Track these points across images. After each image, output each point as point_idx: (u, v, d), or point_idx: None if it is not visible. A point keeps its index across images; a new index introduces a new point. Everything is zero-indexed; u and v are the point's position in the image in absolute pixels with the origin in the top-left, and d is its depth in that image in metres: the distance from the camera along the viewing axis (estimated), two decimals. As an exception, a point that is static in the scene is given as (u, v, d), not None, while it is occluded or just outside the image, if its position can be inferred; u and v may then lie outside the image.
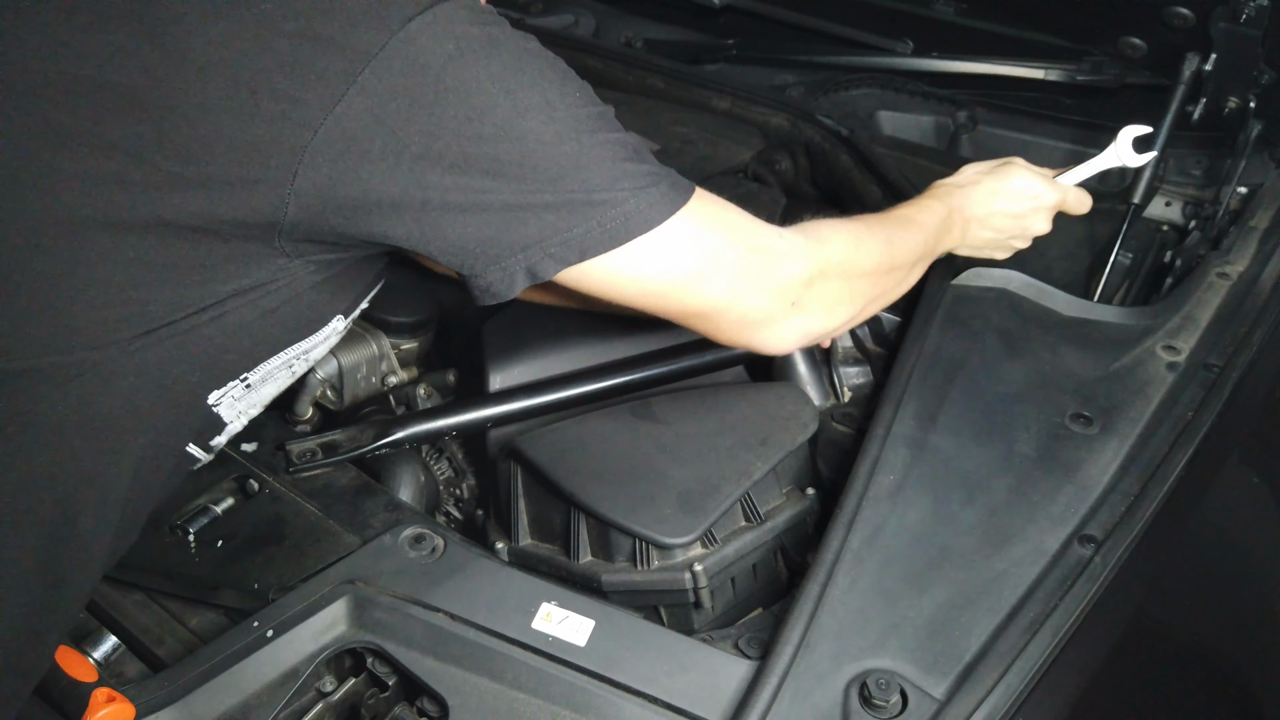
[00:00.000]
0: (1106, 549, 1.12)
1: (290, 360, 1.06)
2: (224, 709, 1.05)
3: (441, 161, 0.90)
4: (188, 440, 1.04)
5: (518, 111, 0.92)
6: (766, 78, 2.28)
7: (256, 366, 1.02)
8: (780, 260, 1.10)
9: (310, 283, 0.98)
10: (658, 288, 1.04)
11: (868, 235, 1.21)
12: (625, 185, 0.96)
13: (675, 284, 1.04)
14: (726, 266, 1.06)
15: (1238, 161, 1.66)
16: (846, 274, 1.17)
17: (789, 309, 1.12)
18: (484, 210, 0.93)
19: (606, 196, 0.96)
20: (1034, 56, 2.08)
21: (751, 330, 1.13)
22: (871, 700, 0.98)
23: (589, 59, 2.13)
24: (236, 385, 1.02)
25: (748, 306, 1.10)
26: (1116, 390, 1.32)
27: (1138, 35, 1.83)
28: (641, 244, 0.98)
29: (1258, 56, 1.64)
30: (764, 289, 1.09)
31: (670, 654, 1.05)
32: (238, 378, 1.01)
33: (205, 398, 0.99)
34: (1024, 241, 1.42)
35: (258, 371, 1.03)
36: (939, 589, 1.09)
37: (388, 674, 1.10)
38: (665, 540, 1.15)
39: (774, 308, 1.11)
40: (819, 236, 1.15)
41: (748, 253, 1.07)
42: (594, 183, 0.95)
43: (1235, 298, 1.46)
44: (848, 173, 1.80)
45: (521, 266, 0.96)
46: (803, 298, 1.12)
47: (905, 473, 1.20)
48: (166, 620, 1.18)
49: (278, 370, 1.06)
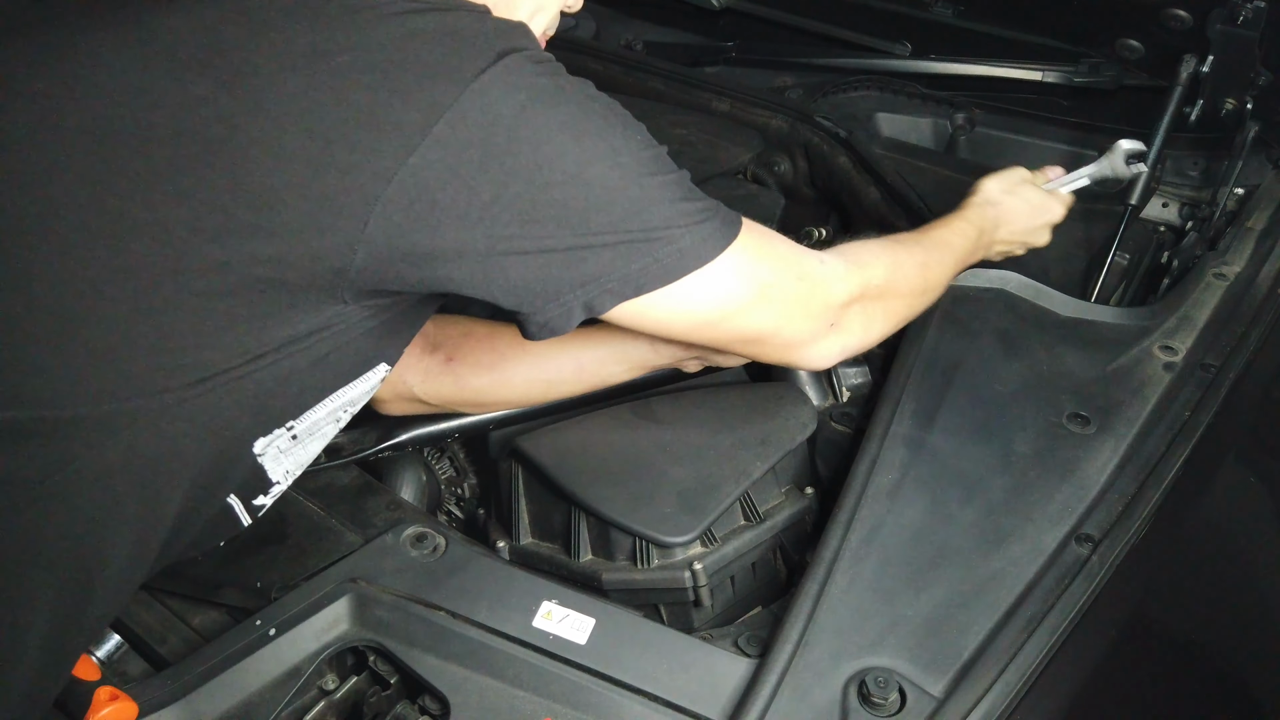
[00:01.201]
0: (1104, 548, 1.13)
1: (336, 412, 1.05)
2: (226, 707, 1.05)
3: (511, 209, 0.91)
4: (229, 490, 1.02)
5: (586, 159, 0.94)
6: (765, 80, 2.28)
7: (303, 415, 1.01)
8: (824, 286, 1.15)
9: (363, 329, 0.97)
10: (710, 319, 1.06)
11: (907, 259, 1.27)
12: (681, 223, 0.99)
13: (727, 314, 1.07)
14: (775, 295, 1.10)
15: (1235, 163, 1.67)
16: (885, 296, 1.23)
17: (829, 330, 1.17)
18: (549, 253, 0.94)
19: (664, 234, 0.98)
20: (1031, 58, 2.09)
21: (795, 350, 1.17)
22: (870, 698, 0.99)
23: (589, 61, 2.14)
24: (283, 435, 1.00)
25: (793, 331, 1.14)
26: (1114, 390, 1.32)
27: (1135, 37, 1.84)
28: (696, 278, 1.01)
29: (1255, 58, 1.65)
30: (809, 314, 1.14)
31: (670, 652, 1.06)
32: (284, 425, 1.00)
33: (251, 445, 0.98)
34: (1023, 250, 1.51)
35: (304, 421, 1.01)
36: (937, 588, 1.09)
37: (389, 672, 1.11)
38: (665, 539, 1.16)
39: (817, 329, 1.16)
40: (860, 261, 1.20)
41: (795, 281, 1.12)
42: (653, 222, 0.97)
43: (1232, 298, 1.47)
44: (846, 174, 1.81)
45: (579, 302, 0.98)
46: (842, 319, 1.18)
47: (903, 472, 1.21)
48: (169, 619, 1.18)
49: (324, 422, 1.04)
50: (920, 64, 2.17)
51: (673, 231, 0.98)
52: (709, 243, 1.01)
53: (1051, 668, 1.03)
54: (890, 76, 2.19)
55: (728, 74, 2.30)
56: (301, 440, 1.03)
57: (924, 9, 2.11)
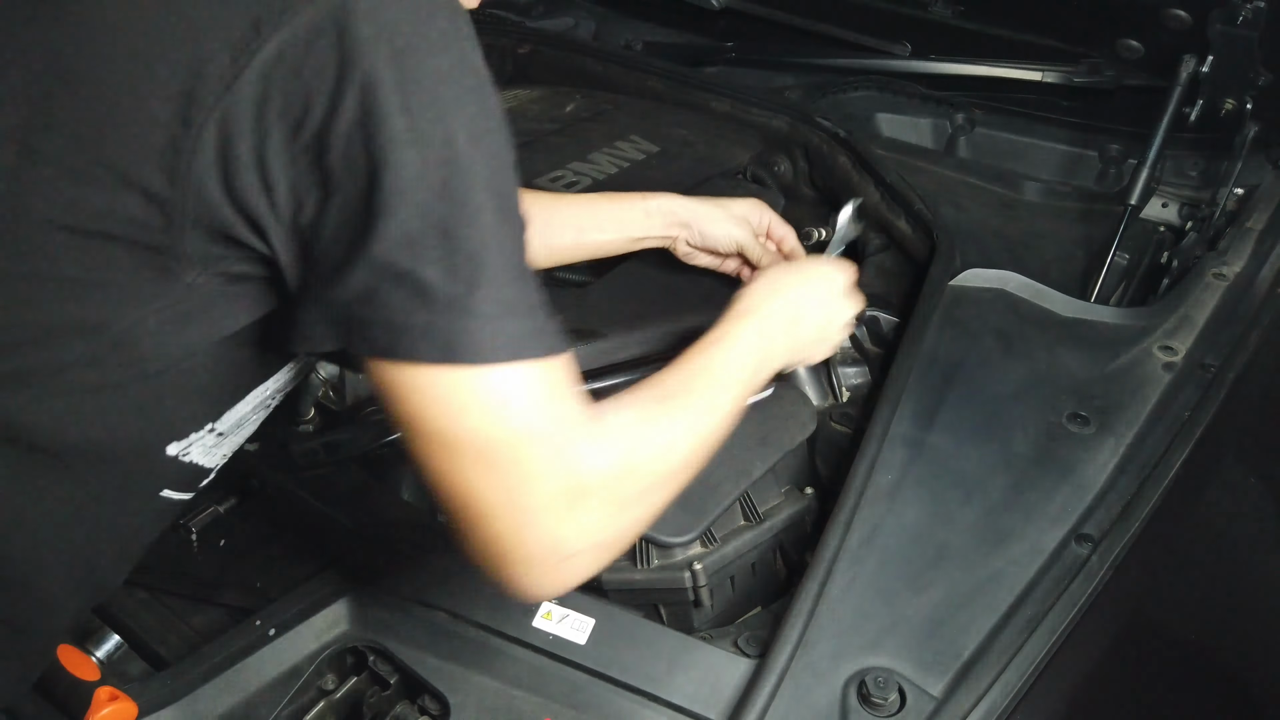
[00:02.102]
0: (1103, 548, 1.13)
1: (265, 401, 1.00)
2: (226, 707, 1.05)
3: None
4: (161, 488, 0.98)
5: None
6: (765, 80, 2.29)
7: (222, 415, 0.96)
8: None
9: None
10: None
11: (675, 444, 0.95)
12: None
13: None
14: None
15: (1234, 163, 1.67)
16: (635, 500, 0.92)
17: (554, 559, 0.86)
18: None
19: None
20: (1031, 58, 2.09)
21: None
22: (870, 698, 0.99)
23: (589, 62, 2.14)
24: (204, 435, 0.95)
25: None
26: (1113, 390, 1.32)
27: (1134, 37, 1.84)
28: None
29: (1255, 58, 1.65)
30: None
31: (670, 652, 1.06)
32: (203, 428, 0.95)
33: (164, 449, 0.93)
34: (843, 331, 1.27)
35: (225, 420, 0.96)
36: (937, 588, 1.09)
37: (389, 672, 1.11)
38: (665, 539, 1.16)
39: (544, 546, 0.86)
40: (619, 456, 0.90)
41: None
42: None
43: (1232, 298, 1.47)
44: (846, 175, 1.81)
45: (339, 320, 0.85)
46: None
47: (903, 472, 1.21)
48: (169, 619, 1.18)
49: (253, 414, 1.00)
50: (920, 64, 2.17)
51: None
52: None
53: (1051, 668, 1.03)
54: (890, 76, 2.19)
55: (728, 74, 2.30)
56: (229, 435, 0.99)
57: (924, 9, 2.11)
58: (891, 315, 1.54)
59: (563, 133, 1.88)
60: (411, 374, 0.80)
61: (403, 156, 0.77)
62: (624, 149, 1.83)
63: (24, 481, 0.88)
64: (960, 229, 1.66)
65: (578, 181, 1.71)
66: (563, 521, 0.83)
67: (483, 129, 0.83)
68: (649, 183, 1.74)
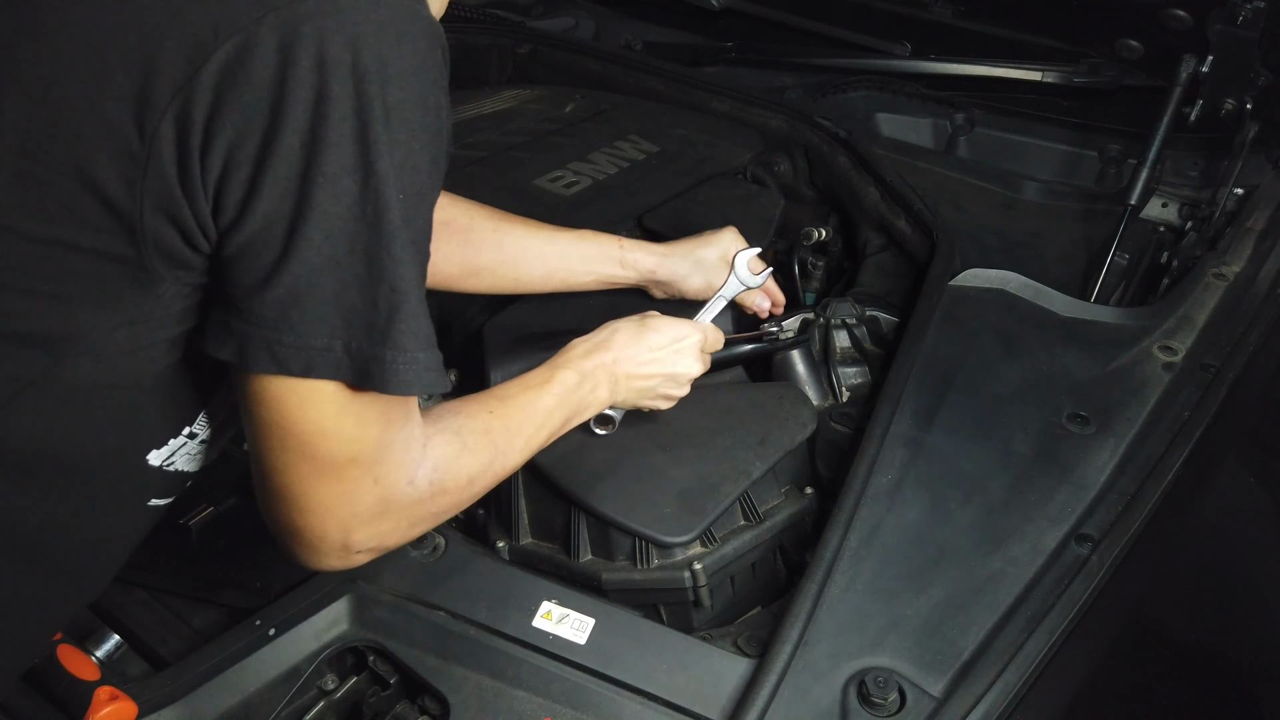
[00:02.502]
0: (1103, 548, 1.13)
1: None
2: (226, 707, 1.05)
3: None
4: (149, 498, 0.98)
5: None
6: (765, 80, 2.29)
7: (196, 419, 0.96)
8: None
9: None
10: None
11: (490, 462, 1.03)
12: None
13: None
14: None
15: (1234, 163, 1.67)
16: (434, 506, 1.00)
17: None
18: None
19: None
20: (1031, 59, 2.09)
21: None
22: (870, 698, 0.99)
23: (589, 62, 2.14)
24: (184, 441, 0.96)
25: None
26: (1113, 390, 1.32)
27: (1135, 37, 1.84)
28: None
29: (1254, 58, 1.65)
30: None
31: (670, 652, 1.06)
32: (180, 433, 0.95)
33: (144, 458, 0.93)
34: (680, 388, 1.27)
35: (201, 423, 0.96)
36: (937, 588, 1.09)
37: (389, 672, 1.11)
38: (665, 539, 1.16)
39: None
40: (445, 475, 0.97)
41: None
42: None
43: (1232, 298, 1.47)
44: (846, 174, 1.81)
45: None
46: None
47: (903, 472, 1.21)
48: (169, 619, 1.18)
49: (231, 416, 0.99)
50: (920, 64, 2.18)
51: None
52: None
53: (1051, 668, 1.03)
54: (890, 77, 2.20)
55: (727, 74, 2.31)
56: (212, 440, 0.99)
57: (924, 9, 2.11)
58: (891, 315, 1.55)
59: (563, 133, 1.88)
60: (309, 389, 0.83)
61: (341, 184, 0.78)
62: (624, 149, 1.84)
63: (4, 496, 0.87)
64: (960, 229, 1.66)
65: (578, 181, 1.71)
66: (362, 529, 0.91)
67: (421, 165, 0.83)
68: (649, 183, 1.74)
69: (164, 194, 0.78)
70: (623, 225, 1.65)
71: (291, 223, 0.78)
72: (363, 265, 0.81)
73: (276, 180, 0.77)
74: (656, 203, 1.69)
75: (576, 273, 1.38)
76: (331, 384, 0.83)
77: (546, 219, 1.40)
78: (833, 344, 1.53)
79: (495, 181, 1.69)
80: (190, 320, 0.87)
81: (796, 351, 1.50)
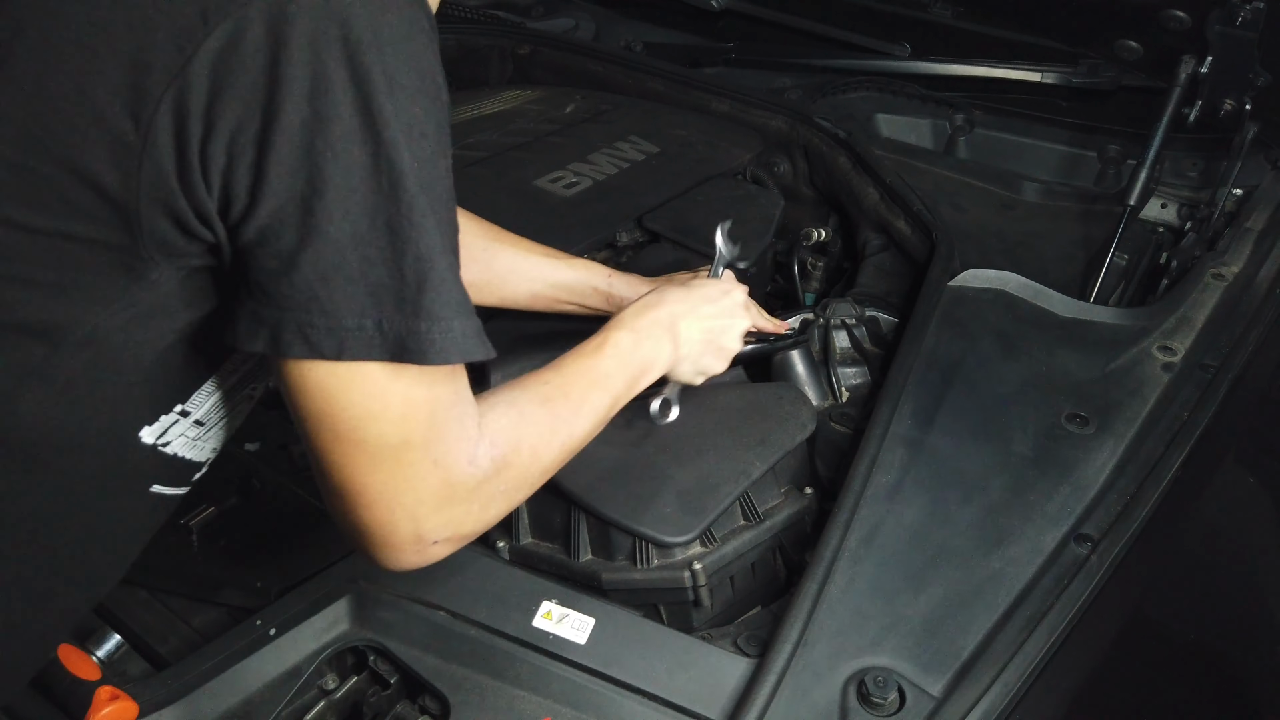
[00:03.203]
0: (1103, 548, 1.13)
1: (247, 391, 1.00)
2: (227, 707, 1.05)
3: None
4: (150, 483, 0.98)
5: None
6: (765, 81, 2.29)
7: (190, 397, 0.95)
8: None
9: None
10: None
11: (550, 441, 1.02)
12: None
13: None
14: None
15: (1233, 163, 1.67)
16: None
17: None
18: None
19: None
20: (1030, 59, 2.09)
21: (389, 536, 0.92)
22: (869, 698, 0.99)
23: (589, 63, 2.14)
24: (176, 419, 0.95)
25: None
26: (1113, 391, 1.32)
27: (1134, 38, 1.84)
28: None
29: (1253, 59, 1.65)
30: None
31: (670, 652, 1.06)
32: (171, 409, 0.94)
33: (137, 434, 0.92)
34: (735, 342, 1.26)
35: (195, 404, 0.95)
36: (936, 588, 1.09)
37: (389, 672, 1.11)
38: (665, 539, 1.16)
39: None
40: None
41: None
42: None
43: (1231, 299, 1.47)
44: (846, 175, 1.81)
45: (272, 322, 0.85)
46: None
47: (903, 472, 1.21)
48: (169, 618, 1.19)
49: (233, 404, 0.99)
50: (920, 64, 2.18)
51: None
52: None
53: (1050, 668, 1.03)
54: (890, 77, 2.20)
55: (727, 75, 2.31)
56: (211, 425, 0.99)
57: (924, 9, 2.12)
58: (891, 315, 1.55)
59: (563, 133, 1.89)
60: (348, 371, 0.82)
61: (351, 156, 0.78)
62: (624, 149, 1.84)
63: (9, 483, 0.87)
64: (960, 229, 1.66)
65: (578, 182, 1.71)
66: (431, 517, 0.89)
67: (428, 130, 0.83)
68: (649, 183, 1.75)
69: (160, 184, 0.79)
70: (623, 225, 1.66)
71: (306, 201, 0.78)
72: (385, 237, 0.80)
73: (281, 161, 0.77)
74: (656, 203, 1.69)
75: (560, 302, 1.38)
76: (371, 364, 0.82)
77: (546, 219, 1.40)
78: (832, 344, 1.53)
79: (495, 182, 1.69)
80: (187, 303, 0.87)
81: (796, 351, 1.50)
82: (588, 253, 1.61)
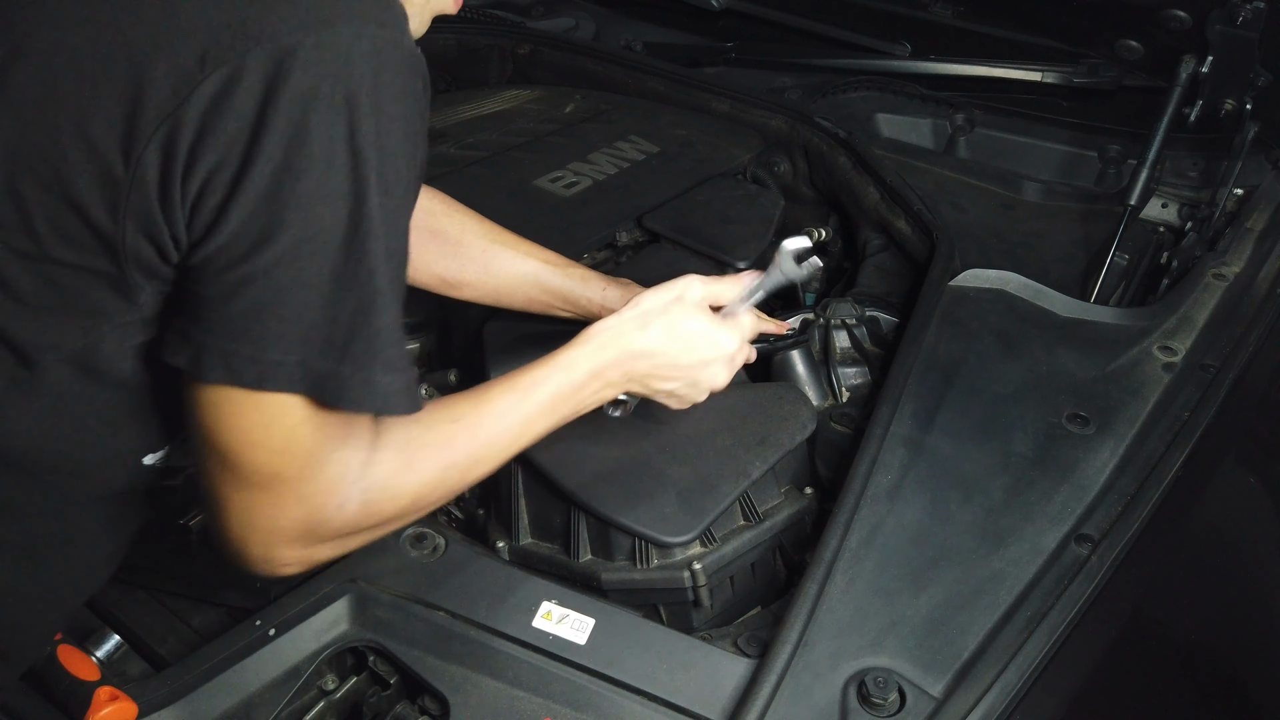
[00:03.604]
0: (1103, 548, 1.13)
1: None
2: (226, 707, 1.05)
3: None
4: (142, 491, 1.00)
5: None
6: (765, 81, 2.29)
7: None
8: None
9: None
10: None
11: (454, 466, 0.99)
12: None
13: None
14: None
15: (1234, 163, 1.67)
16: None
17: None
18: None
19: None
20: (1031, 59, 2.09)
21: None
22: (870, 698, 0.99)
23: (589, 62, 2.14)
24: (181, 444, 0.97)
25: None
26: (1113, 391, 1.32)
27: (1134, 38, 1.84)
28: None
29: (1254, 59, 1.65)
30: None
31: (670, 652, 1.06)
32: (174, 438, 0.96)
33: (139, 461, 0.95)
34: (700, 395, 1.19)
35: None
36: (936, 588, 1.09)
37: (389, 672, 1.11)
38: (664, 539, 1.16)
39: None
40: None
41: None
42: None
43: (1231, 299, 1.47)
44: (846, 175, 1.81)
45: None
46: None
47: (903, 472, 1.21)
48: (169, 619, 1.19)
49: None
50: (920, 64, 2.18)
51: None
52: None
53: (1051, 668, 1.03)
54: (890, 77, 2.20)
55: (727, 75, 2.31)
56: None
57: (923, 9, 2.12)
58: (891, 315, 1.55)
59: (563, 133, 1.89)
60: (243, 395, 0.83)
61: (319, 210, 0.79)
62: (624, 149, 1.84)
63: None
64: (960, 229, 1.66)
65: (578, 182, 1.71)
66: (284, 547, 0.90)
67: (399, 191, 0.84)
68: (649, 183, 1.74)
69: (146, 216, 0.80)
70: (622, 225, 1.66)
71: (260, 243, 0.79)
72: (332, 290, 0.81)
73: (246, 201, 0.78)
74: (656, 203, 1.69)
75: (554, 308, 1.39)
76: (269, 395, 0.83)
77: (546, 219, 1.40)
78: (833, 344, 1.53)
79: (495, 182, 1.69)
80: (167, 324, 0.88)
81: (796, 351, 1.50)
82: (588, 252, 1.61)
